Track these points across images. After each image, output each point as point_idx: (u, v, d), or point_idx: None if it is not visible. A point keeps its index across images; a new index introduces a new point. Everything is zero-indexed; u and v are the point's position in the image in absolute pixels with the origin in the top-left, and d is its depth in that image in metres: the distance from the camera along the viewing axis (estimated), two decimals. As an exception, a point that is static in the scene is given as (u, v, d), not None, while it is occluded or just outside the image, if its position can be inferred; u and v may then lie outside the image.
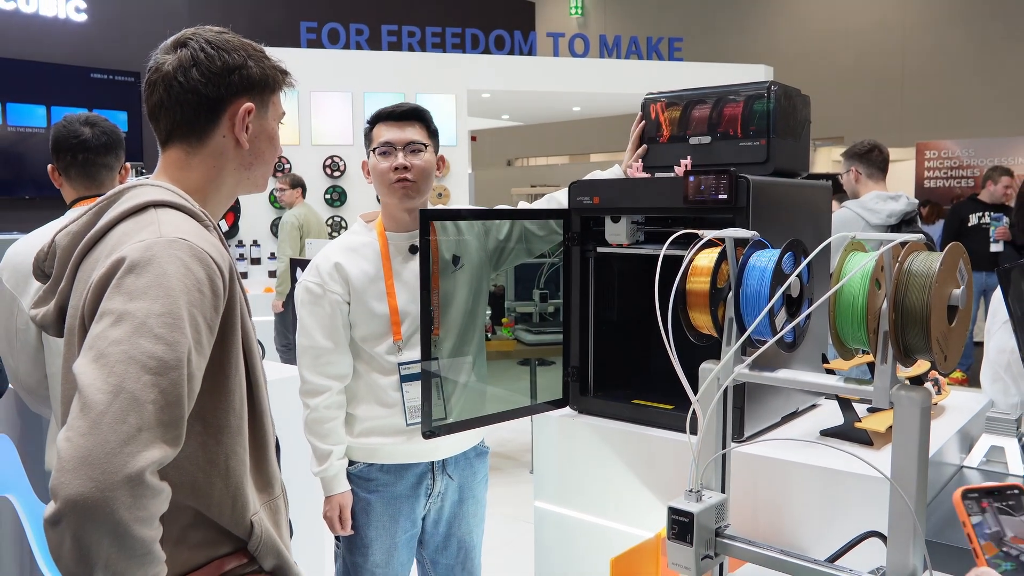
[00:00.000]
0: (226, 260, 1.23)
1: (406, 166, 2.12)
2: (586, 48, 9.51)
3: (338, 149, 7.62)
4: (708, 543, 1.36)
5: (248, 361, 1.28)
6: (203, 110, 1.31)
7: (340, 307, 2.13)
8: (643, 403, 1.95)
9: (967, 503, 1.10)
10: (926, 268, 1.17)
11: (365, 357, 2.16)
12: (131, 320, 1.07)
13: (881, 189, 3.96)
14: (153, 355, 1.06)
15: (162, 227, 1.18)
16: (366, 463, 2.18)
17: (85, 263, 1.24)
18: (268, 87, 1.37)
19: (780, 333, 1.27)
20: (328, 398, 2.13)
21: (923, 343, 1.17)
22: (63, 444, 1.01)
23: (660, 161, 2.05)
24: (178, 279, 1.12)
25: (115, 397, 1.02)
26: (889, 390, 1.20)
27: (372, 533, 2.17)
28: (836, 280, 1.22)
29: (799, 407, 1.98)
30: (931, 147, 11.14)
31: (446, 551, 2.30)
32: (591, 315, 2.03)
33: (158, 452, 1.04)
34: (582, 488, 2.00)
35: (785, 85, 1.93)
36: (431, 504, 2.25)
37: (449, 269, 2.09)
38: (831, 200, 2.13)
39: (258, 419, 1.30)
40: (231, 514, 1.24)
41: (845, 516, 1.57)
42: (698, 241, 1.39)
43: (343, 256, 2.16)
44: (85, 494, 0.98)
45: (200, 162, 1.33)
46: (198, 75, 1.29)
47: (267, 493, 1.33)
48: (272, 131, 1.39)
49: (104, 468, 0.99)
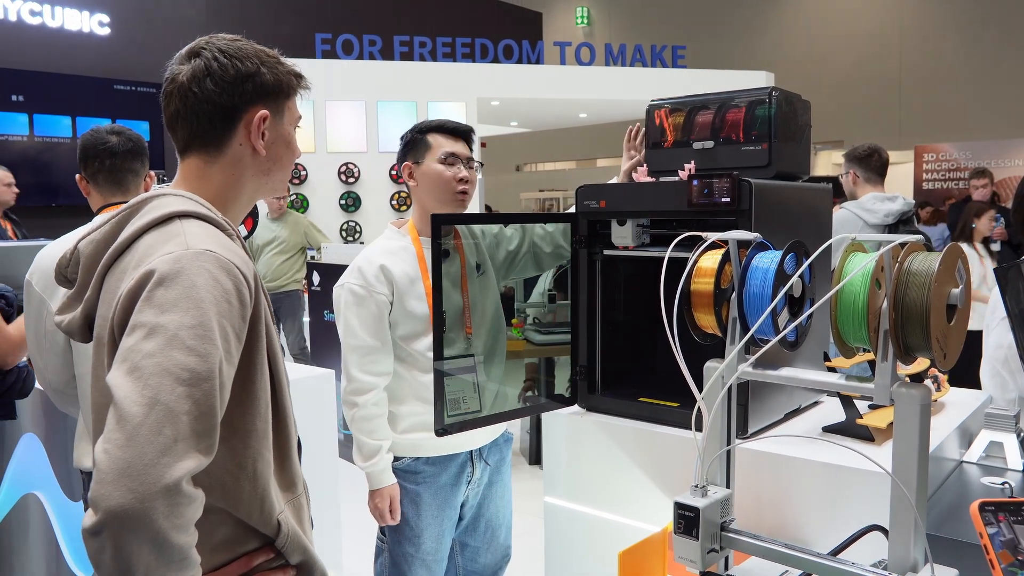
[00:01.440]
0: (251, 269, 1.22)
1: (468, 179, 2.22)
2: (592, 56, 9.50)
3: (352, 156, 7.63)
4: (713, 537, 1.35)
5: (272, 366, 1.27)
6: (219, 119, 1.29)
7: (385, 307, 2.17)
8: (649, 401, 1.94)
9: (984, 515, 1.09)
10: (925, 268, 1.16)
11: (405, 356, 2.20)
12: (163, 333, 1.06)
13: (879, 191, 3.94)
14: (186, 367, 1.05)
15: (188, 239, 1.17)
16: (411, 457, 2.22)
17: (111, 273, 1.23)
18: (283, 93, 1.35)
19: (783, 332, 1.26)
20: (375, 395, 2.16)
21: (923, 341, 1.16)
22: (101, 456, 1.00)
23: (665, 165, 2.04)
24: (207, 291, 1.11)
25: (151, 409, 1.02)
26: (890, 387, 1.19)
27: (423, 523, 2.22)
28: (837, 280, 1.21)
29: (801, 404, 1.97)
30: (929, 150, 11.09)
31: (475, 533, 2.36)
32: (598, 315, 2.02)
33: (193, 462, 1.04)
34: (590, 484, 1.99)
35: (786, 91, 1.92)
36: (470, 491, 2.31)
37: (474, 274, 2.16)
38: (832, 202, 2.12)
39: (281, 421, 1.30)
40: (260, 515, 1.24)
41: (847, 511, 1.56)
42: (702, 243, 1.38)
43: (386, 259, 2.20)
44: (125, 505, 0.98)
45: (219, 171, 1.32)
46: (212, 85, 1.27)
47: (291, 492, 1.32)
48: (289, 136, 1.38)
49: (143, 479, 0.99)
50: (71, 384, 2.21)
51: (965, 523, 1.55)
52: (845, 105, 12.87)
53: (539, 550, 2.15)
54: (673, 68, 9.49)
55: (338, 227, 7.58)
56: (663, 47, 9.57)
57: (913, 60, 13.18)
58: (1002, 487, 1.69)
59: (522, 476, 5.06)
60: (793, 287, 1.30)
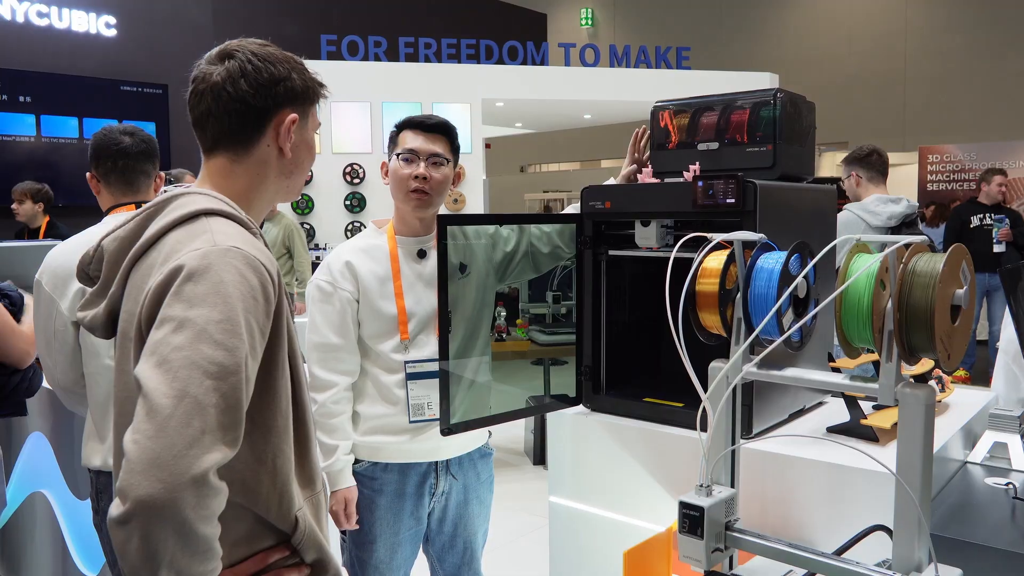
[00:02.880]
0: (275, 266, 1.24)
1: (425, 177, 2.14)
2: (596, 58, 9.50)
3: (357, 157, 7.64)
4: (718, 536, 1.36)
5: (292, 363, 1.29)
6: (251, 119, 1.32)
7: (350, 304, 2.14)
8: (654, 401, 1.94)
9: None
10: (930, 269, 1.16)
11: (372, 355, 2.17)
12: (192, 327, 1.08)
13: (882, 192, 3.94)
14: (214, 360, 1.07)
15: (215, 236, 1.19)
16: (370, 462, 2.18)
17: (137, 269, 1.25)
18: (309, 99, 1.39)
19: (787, 333, 1.27)
20: (335, 394, 2.13)
21: (927, 342, 1.16)
22: (130, 447, 1.02)
23: (669, 167, 2.04)
24: (235, 287, 1.13)
25: (180, 401, 1.03)
26: (894, 388, 1.19)
27: (376, 530, 2.18)
28: (842, 281, 1.21)
29: (806, 405, 1.97)
30: (933, 151, 11.07)
31: (452, 550, 2.30)
32: (603, 316, 2.02)
33: (220, 454, 1.05)
34: (595, 484, 2.00)
35: (791, 92, 1.93)
36: (435, 503, 2.25)
37: (456, 276, 2.10)
38: (836, 203, 2.12)
39: (301, 418, 1.31)
40: (278, 510, 1.25)
41: (851, 511, 1.56)
42: (707, 244, 1.38)
43: (354, 256, 2.17)
44: (154, 495, 0.99)
45: (244, 170, 1.34)
46: (246, 86, 1.30)
47: (310, 488, 1.34)
48: (311, 141, 1.42)
49: (172, 470, 1.00)
50: (79, 383, 2.22)
51: (969, 523, 1.56)
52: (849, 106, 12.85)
53: (543, 550, 2.16)
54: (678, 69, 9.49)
55: (343, 227, 7.59)
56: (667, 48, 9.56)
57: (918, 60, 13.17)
58: (1006, 488, 1.69)
59: (526, 476, 5.07)
60: (798, 288, 1.30)
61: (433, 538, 2.29)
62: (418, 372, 2.13)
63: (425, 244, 2.20)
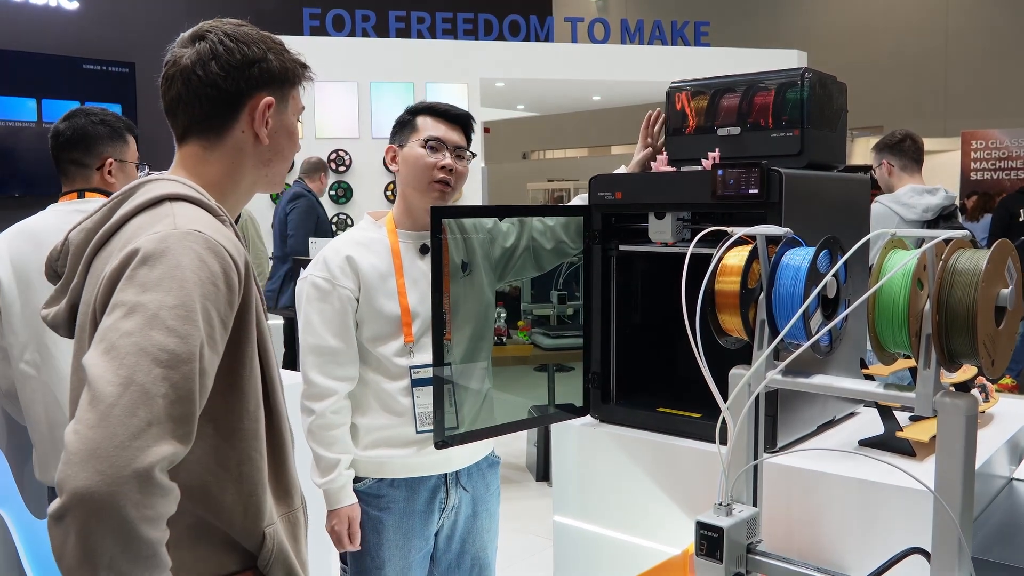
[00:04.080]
0: (242, 255, 1.25)
1: (452, 168, 2.17)
2: (606, 34, 9.51)
3: (343, 143, 7.65)
4: (739, 560, 1.36)
5: (263, 362, 1.30)
6: (222, 104, 1.34)
7: (350, 303, 2.13)
8: (669, 411, 1.95)
9: None
10: (972, 266, 1.16)
11: (372, 361, 2.16)
12: (143, 312, 1.10)
13: (917, 182, 3.94)
14: (165, 348, 1.08)
15: (177, 219, 1.21)
16: (375, 479, 2.17)
17: (98, 258, 1.27)
18: (288, 81, 1.41)
19: (815, 337, 1.27)
20: (335, 402, 2.13)
21: (969, 347, 1.17)
22: (71, 437, 1.03)
23: (686, 154, 2.04)
24: (192, 271, 1.14)
25: (125, 389, 1.04)
26: (932, 397, 1.19)
27: (385, 554, 2.17)
28: (875, 279, 1.22)
29: (836, 416, 1.97)
30: (977, 137, 11.06)
31: (460, 568, 2.30)
32: (613, 317, 2.03)
33: (168, 448, 1.06)
34: (604, 501, 2.00)
35: (820, 71, 1.93)
36: (444, 519, 2.24)
37: (459, 274, 2.10)
38: (869, 193, 2.12)
39: (275, 423, 1.32)
40: (242, 523, 1.26)
41: (885, 532, 1.56)
42: (727, 239, 1.39)
43: (353, 250, 2.16)
44: (92, 488, 0.99)
45: (218, 158, 1.36)
46: (217, 68, 1.32)
47: (285, 504, 1.34)
48: (291, 126, 1.43)
49: (112, 462, 1.01)
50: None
51: (1015, 546, 1.56)
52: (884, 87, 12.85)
53: (546, 573, 2.16)
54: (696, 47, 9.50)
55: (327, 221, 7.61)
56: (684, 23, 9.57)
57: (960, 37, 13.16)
58: (1056, 507, 1.70)
59: (529, 494, 5.07)
60: (827, 287, 1.31)
61: (439, 557, 2.28)
62: (425, 378, 2.12)
63: (428, 239, 2.21)
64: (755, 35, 13.21)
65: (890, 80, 13.07)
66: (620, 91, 9.56)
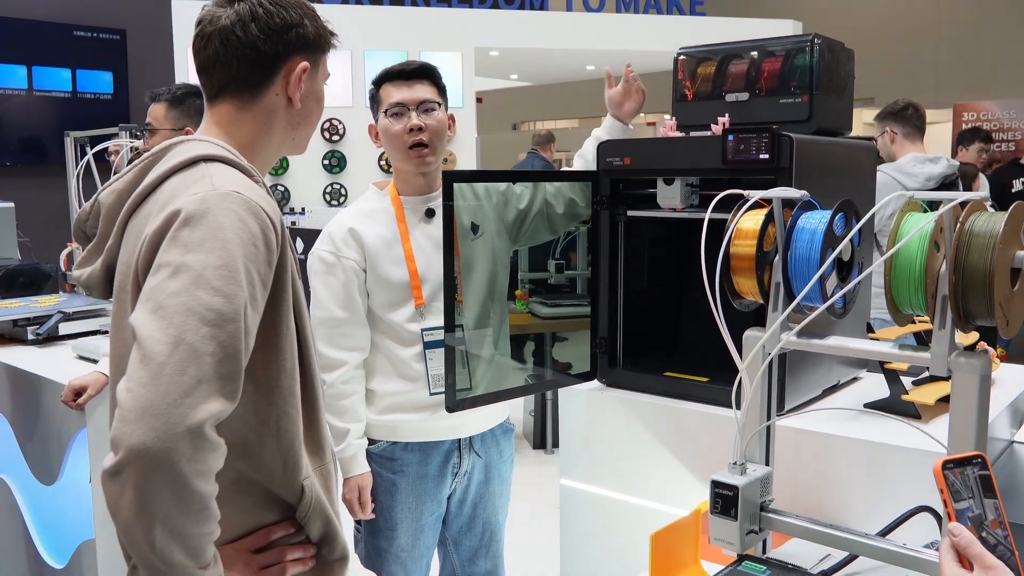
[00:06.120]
0: (278, 215, 1.27)
1: (420, 126, 2.15)
2: (601, 2, 9.44)
3: (337, 112, 7.60)
4: (753, 518, 1.38)
5: (298, 320, 1.32)
6: (260, 66, 1.35)
7: (356, 274, 2.15)
8: (676, 375, 1.97)
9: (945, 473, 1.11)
10: (989, 229, 1.18)
11: (384, 328, 2.18)
12: (188, 272, 1.11)
13: (919, 151, 3.95)
14: (211, 307, 1.10)
15: (215, 180, 1.22)
16: (388, 441, 2.20)
17: (134, 219, 1.29)
18: (320, 47, 1.42)
19: (832, 299, 1.28)
20: (345, 372, 2.15)
21: (985, 308, 1.18)
22: (124, 395, 1.05)
23: (694, 120, 2.05)
24: (233, 232, 1.16)
25: (175, 348, 1.07)
26: (948, 357, 1.21)
27: (398, 515, 2.20)
28: (893, 242, 1.23)
29: (840, 380, 2.00)
30: (969, 108, 11.07)
31: (471, 533, 2.33)
32: (620, 283, 2.04)
33: (217, 405, 1.08)
34: (610, 465, 2.02)
35: (828, 38, 1.93)
36: (457, 483, 2.27)
37: (469, 236, 2.11)
38: (876, 160, 2.13)
39: (309, 381, 1.35)
40: (282, 477, 1.29)
41: (892, 491, 1.59)
42: (744, 202, 1.40)
43: (356, 221, 2.18)
44: (148, 444, 1.02)
45: (251, 118, 1.38)
46: (257, 30, 1.33)
47: (319, 458, 1.37)
48: (320, 92, 1.45)
49: (166, 419, 1.03)
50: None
51: (1017, 505, 1.59)
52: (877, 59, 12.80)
53: (549, 538, 2.18)
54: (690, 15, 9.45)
55: (321, 190, 7.57)
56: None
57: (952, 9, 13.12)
58: (1058, 468, 1.73)
59: (526, 461, 5.11)
60: (843, 250, 1.32)
61: (451, 521, 2.32)
62: (437, 340, 2.13)
63: (432, 202, 2.21)
64: (748, 5, 13.13)
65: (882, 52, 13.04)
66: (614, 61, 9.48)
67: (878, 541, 1.32)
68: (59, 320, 3.08)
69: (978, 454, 1.12)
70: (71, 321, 3.12)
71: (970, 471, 1.10)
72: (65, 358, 2.88)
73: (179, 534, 1.06)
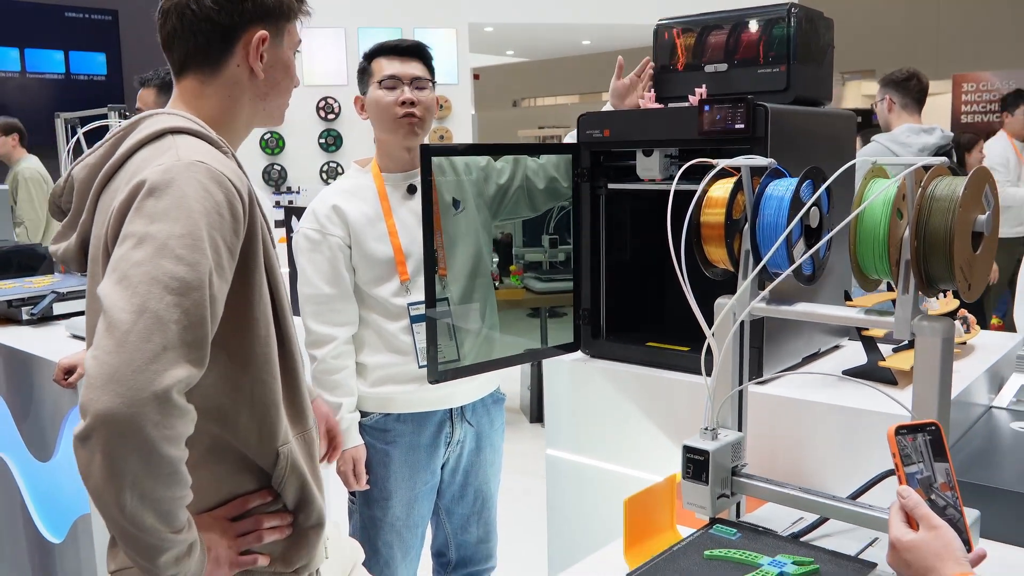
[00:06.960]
0: (245, 184, 1.28)
1: (413, 101, 2.18)
2: (595, -24, 9.37)
3: (332, 90, 7.58)
4: (724, 482, 1.41)
5: (273, 289, 1.34)
6: (216, 38, 1.35)
7: (341, 250, 2.17)
8: (658, 345, 1.99)
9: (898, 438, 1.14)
10: (950, 192, 1.19)
11: (371, 303, 2.21)
12: (152, 242, 1.14)
13: (915, 122, 3.95)
14: (175, 276, 1.12)
15: (180, 151, 1.24)
16: (381, 413, 2.23)
17: (106, 193, 1.30)
18: (283, 15, 1.41)
19: (797, 263, 1.30)
20: (335, 347, 2.18)
21: (946, 271, 1.20)
22: (91, 363, 1.08)
23: (674, 91, 2.06)
24: (197, 201, 1.18)
25: (139, 316, 1.09)
26: (911, 321, 1.23)
27: (392, 486, 2.24)
28: (856, 206, 1.24)
29: (821, 348, 2.02)
30: (969, 79, 11.01)
31: (463, 500, 2.37)
32: (603, 255, 2.06)
33: (183, 371, 1.11)
34: (595, 434, 2.05)
35: (806, 7, 1.94)
36: (450, 452, 2.31)
37: (450, 212, 2.12)
38: (855, 130, 2.14)
39: (287, 347, 1.36)
40: (258, 443, 1.31)
41: (867, 456, 1.61)
42: (712, 171, 1.41)
43: (340, 198, 2.20)
44: (114, 409, 1.05)
45: (215, 91, 1.38)
46: (211, 2, 1.33)
47: (300, 424, 1.39)
48: (288, 60, 1.44)
49: (131, 384, 1.06)
50: None
51: (992, 467, 1.61)
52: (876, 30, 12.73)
53: (541, 511, 2.21)
54: (686, -11, 9.37)
55: (318, 169, 7.57)
56: (675, -35, 9.45)
57: (953, -22, 13.02)
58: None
59: (522, 435, 5.14)
60: (810, 216, 1.33)
61: (444, 490, 2.36)
62: (423, 315, 2.15)
63: (414, 178, 2.23)
64: (747, -23, 13.04)
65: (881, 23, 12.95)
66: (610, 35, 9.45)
67: (846, 504, 1.34)
68: (53, 300, 3.10)
69: (931, 421, 1.15)
70: (65, 301, 3.14)
71: (921, 437, 1.13)
72: (59, 337, 2.90)
73: (149, 498, 1.08)
